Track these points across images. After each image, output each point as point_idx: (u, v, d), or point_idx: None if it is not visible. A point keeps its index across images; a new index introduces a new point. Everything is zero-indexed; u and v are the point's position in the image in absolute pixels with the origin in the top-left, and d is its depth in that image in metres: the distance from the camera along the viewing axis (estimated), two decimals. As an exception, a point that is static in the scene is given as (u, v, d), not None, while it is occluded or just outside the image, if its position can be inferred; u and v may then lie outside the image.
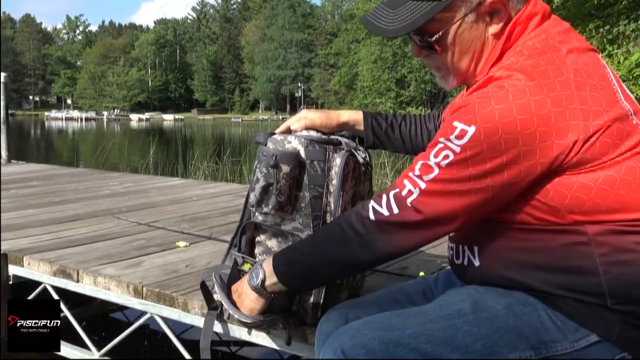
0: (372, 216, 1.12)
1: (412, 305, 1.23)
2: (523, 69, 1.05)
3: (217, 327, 1.74)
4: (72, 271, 2.21)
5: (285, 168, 1.39)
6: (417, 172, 1.09)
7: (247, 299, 1.31)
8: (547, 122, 1.01)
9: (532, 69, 1.05)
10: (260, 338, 1.71)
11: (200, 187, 4.63)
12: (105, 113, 73.35)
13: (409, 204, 1.09)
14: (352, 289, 1.66)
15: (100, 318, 3.11)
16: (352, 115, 1.54)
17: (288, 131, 1.49)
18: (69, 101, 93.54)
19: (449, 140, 1.05)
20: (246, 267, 1.43)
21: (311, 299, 1.47)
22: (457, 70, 1.17)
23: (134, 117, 67.15)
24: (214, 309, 1.58)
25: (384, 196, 1.12)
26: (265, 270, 1.26)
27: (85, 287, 2.18)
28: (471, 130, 1.02)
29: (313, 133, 1.47)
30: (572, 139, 1.01)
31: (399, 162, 7.85)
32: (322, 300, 1.47)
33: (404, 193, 1.10)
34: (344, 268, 1.21)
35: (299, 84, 73.22)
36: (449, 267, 1.31)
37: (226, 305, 1.34)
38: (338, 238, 1.16)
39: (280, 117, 64.91)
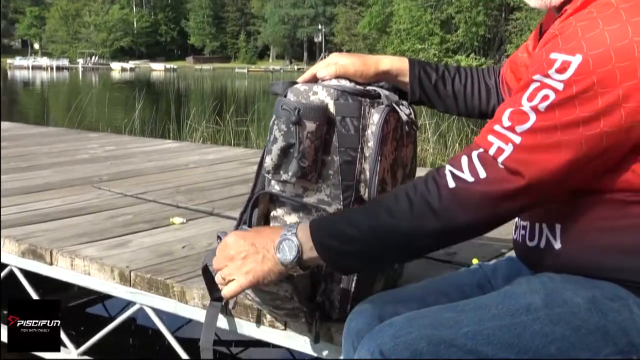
0: (451, 183, 1.07)
1: (464, 299, 1.23)
2: None
3: (221, 322, 1.76)
4: (45, 251, 2.24)
5: (310, 125, 1.37)
6: (506, 124, 1.05)
7: (267, 268, 1.21)
8: None
9: None
10: (273, 336, 1.72)
11: (198, 152, 4.68)
12: (80, 61, 73.79)
13: (500, 165, 1.05)
14: (389, 279, 1.65)
15: (79, 309, 3.17)
16: (395, 63, 1.52)
17: (314, 80, 1.47)
18: (36, 46, 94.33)
19: (547, 76, 1.02)
20: None
21: (339, 289, 1.47)
22: None
23: (116, 66, 67.52)
24: (217, 300, 1.59)
25: (464, 157, 1.08)
26: (302, 242, 1.17)
27: (61, 270, 2.21)
28: (576, 60, 1.00)
29: (345, 83, 1.45)
30: None
31: (443, 124, 7.80)
32: (352, 292, 1.47)
33: (491, 152, 1.05)
34: (410, 251, 1.18)
35: (319, 26, 72.80)
36: (510, 253, 1.30)
37: None
38: (406, 213, 1.10)
39: (296, 67, 64.89)
